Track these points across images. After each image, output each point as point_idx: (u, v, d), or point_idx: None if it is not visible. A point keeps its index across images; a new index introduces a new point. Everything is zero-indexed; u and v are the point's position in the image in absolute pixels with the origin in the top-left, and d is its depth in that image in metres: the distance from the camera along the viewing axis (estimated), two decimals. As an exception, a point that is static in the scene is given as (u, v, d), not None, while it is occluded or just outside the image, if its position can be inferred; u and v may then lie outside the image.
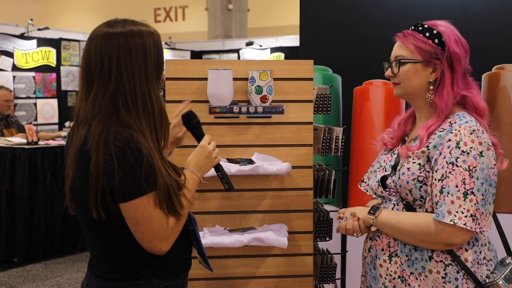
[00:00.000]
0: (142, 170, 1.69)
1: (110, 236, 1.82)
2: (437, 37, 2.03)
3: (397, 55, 2.06)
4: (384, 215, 2.02)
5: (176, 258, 1.91)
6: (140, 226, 1.74)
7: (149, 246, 1.78)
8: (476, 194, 1.87)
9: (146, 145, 1.71)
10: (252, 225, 2.44)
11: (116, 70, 1.72)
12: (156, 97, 1.78)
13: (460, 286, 1.92)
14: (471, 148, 1.90)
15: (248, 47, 12.09)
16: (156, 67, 1.78)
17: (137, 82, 1.74)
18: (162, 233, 1.76)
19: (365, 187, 2.27)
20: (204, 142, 1.98)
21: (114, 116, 1.72)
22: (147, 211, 1.72)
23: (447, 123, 1.98)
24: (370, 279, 2.10)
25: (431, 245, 1.93)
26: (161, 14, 20.60)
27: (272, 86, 2.34)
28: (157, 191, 1.73)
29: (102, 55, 1.73)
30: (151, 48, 1.76)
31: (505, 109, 3.22)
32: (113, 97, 1.73)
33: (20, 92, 8.94)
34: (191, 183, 1.89)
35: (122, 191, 1.70)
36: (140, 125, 1.74)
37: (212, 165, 1.98)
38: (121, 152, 1.67)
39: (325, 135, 2.42)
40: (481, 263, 1.97)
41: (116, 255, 1.85)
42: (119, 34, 1.74)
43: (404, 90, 2.07)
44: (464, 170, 1.88)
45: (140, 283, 1.84)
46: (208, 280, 2.42)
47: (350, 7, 3.33)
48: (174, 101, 2.37)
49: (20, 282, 5.25)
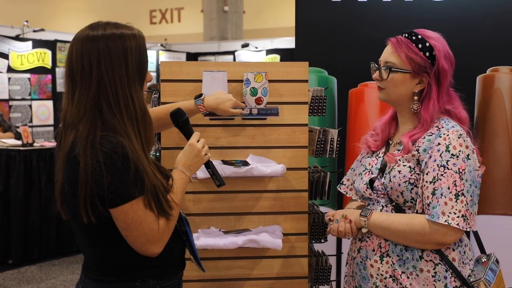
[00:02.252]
0: (129, 174, 1.70)
1: (102, 240, 1.82)
2: (428, 50, 2.07)
3: (387, 61, 2.10)
4: (376, 217, 2.07)
5: (170, 258, 1.92)
6: (131, 230, 1.75)
7: (141, 250, 1.78)
8: (466, 195, 1.95)
9: (132, 148, 1.72)
10: (247, 227, 2.44)
11: (97, 72, 1.74)
12: (138, 99, 1.78)
13: (449, 285, 2.00)
14: (460, 151, 1.98)
15: (244, 49, 12.09)
16: (138, 69, 1.79)
17: (118, 85, 1.75)
18: (153, 236, 1.77)
19: (344, 189, 2.33)
20: (192, 141, 1.97)
21: (99, 119, 1.74)
22: (137, 215, 1.73)
23: (434, 128, 2.05)
24: (359, 279, 2.14)
25: (424, 245, 2.00)
26: (156, 15, 20.60)
27: (267, 88, 2.34)
28: (146, 194, 1.74)
29: (83, 58, 1.74)
30: (132, 51, 1.77)
31: (499, 111, 3.23)
32: (96, 100, 1.74)
33: (15, 94, 8.92)
34: (180, 183, 1.89)
35: (111, 197, 1.70)
36: (125, 127, 1.75)
37: (201, 163, 1.98)
38: (108, 157, 1.68)
39: (320, 137, 2.43)
40: (465, 262, 2.06)
41: (110, 258, 1.85)
42: (99, 37, 1.75)
43: (389, 96, 2.13)
44: (454, 173, 1.96)
45: (137, 284, 1.84)
46: (202, 281, 2.42)
47: (346, 9, 3.34)
48: (169, 103, 2.37)
49: (15, 284, 5.23)
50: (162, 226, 1.79)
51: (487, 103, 3.25)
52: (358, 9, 3.33)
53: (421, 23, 3.16)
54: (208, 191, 2.39)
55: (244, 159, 2.41)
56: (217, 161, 2.38)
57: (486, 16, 3.24)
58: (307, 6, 3.37)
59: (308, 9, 3.37)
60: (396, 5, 3.30)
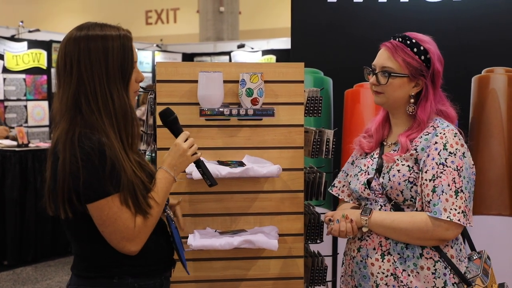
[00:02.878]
0: (106, 171, 1.74)
1: (83, 235, 1.87)
2: (423, 53, 2.12)
3: (384, 66, 2.14)
4: (377, 215, 2.11)
5: (154, 258, 1.94)
6: (106, 226, 1.79)
7: (118, 246, 1.82)
8: (464, 192, 2.02)
9: (110, 145, 1.77)
10: (242, 228, 2.44)
11: (76, 71, 1.80)
12: (119, 98, 1.83)
13: (448, 281, 2.06)
14: (457, 149, 2.04)
15: (240, 49, 12.09)
16: (120, 69, 1.84)
17: (97, 83, 1.80)
18: (128, 233, 1.79)
19: (336, 191, 2.38)
20: (178, 140, 1.98)
21: (78, 116, 1.80)
22: (112, 211, 1.77)
23: (430, 127, 2.11)
24: (359, 278, 2.17)
25: (425, 242, 2.06)
26: (152, 16, 20.58)
27: (263, 89, 2.34)
28: (122, 191, 1.77)
29: (66, 57, 1.82)
30: (114, 51, 1.82)
31: (494, 112, 3.24)
32: (76, 97, 1.81)
33: (11, 94, 8.90)
34: (163, 183, 1.91)
35: (87, 192, 1.75)
36: (103, 125, 1.80)
37: (187, 162, 1.99)
38: (85, 153, 1.73)
39: (316, 138, 2.43)
40: (461, 260, 2.12)
41: (91, 254, 1.89)
42: (81, 37, 1.82)
43: (387, 100, 2.17)
44: (453, 170, 2.02)
45: (114, 282, 1.87)
46: (198, 282, 2.42)
47: (342, 9, 3.34)
48: (164, 104, 2.37)
49: (10, 285, 5.22)
50: (138, 224, 1.81)
51: (482, 104, 3.26)
52: (354, 10, 3.33)
53: (416, 24, 3.18)
54: (204, 191, 2.39)
55: (239, 160, 2.41)
56: (213, 161, 2.38)
57: (481, 17, 3.25)
58: (303, 6, 3.37)
59: (304, 9, 3.37)
60: (391, 6, 3.31)
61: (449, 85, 2.33)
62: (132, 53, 1.88)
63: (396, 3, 3.30)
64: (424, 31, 2.26)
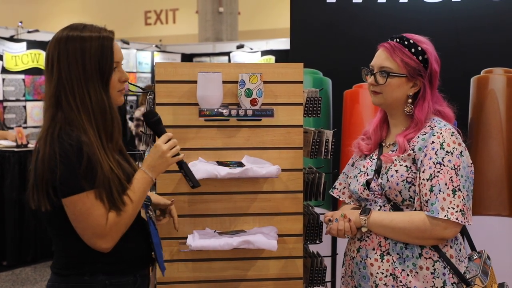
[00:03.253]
0: (82, 167, 1.80)
1: (58, 231, 1.92)
2: (421, 54, 2.14)
3: (383, 66, 2.16)
4: (376, 215, 2.12)
5: (128, 256, 1.97)
6: (79, 222, 1.84)
7: (89, 243, 1.86)
8: (462, 191, 2.02)
9: (88, 142, 1.83)
10: (242, 228, 2.44)
11: (56, 71, 1.89)
12: (96, 96, 1.90)
13: (447, 281, 2.06)
14: (454, 148, 2.05)
15: (239, 50, 12.09)
16: (98, 69, 1.91)
17: (75, 82, 1.88)
18: (100, 230, 1.84)
19: (337, 193, 2.40)
20: (159, 142, 2.02)
21: (59, 112, 1.88)
22: (85, 207, 1.81)
23: (427, 127, 2.13)
24: (359, 278, 2.18)
25: (424, 241, 2.07)
26: (151, 17, 20.57)
27: (262, 89, 2.34)
28: (98, 188, 1.82)
29: (48, 57, 1.93)
30: (91, 52, 1.90)
31: (493, 113, 3.24)
32: (57, 95, 1.89)
33: (10, 95, 8.90)
34: (140, 183, 1.95)
35: (62, 187, 1.81)
36: (82, 122, 1.87)
37: (167, 164, 2.02)
38: (63, 149, 1.80)
39: (315, 138, 2.43)
40: (461, 260, 2.13)
41: (66, 250, 1.93)
42: (62, 38, 1.92)
43: (386, 100, 2.19)
44: (450, 169, 2.03)
45: (85, 278, 1.91)
46: (197, 283, 2.42)
47: (341, 10, 3.34)
48: (164, 104, 2.37)
49: (9, 286, 5.22)
50: (110, 221, 1.85)
51: (481, 105, 3.26)
52: (353, 10, 3.33)
53: (415, 24, 3.18)
54: (203, 192, 2.39)
55: (239, 160, 2.41)
56: (212, 162, 2.38)
57: (480, 18, 3.25)
58: (302, 7, 3.37)
59: (303, 10, 3.37)
60: (391, 7, 3.31)
61: (448, 86, 2.33)
62: (112, 53, 1.94)
63: (395, 4, 3.30)
64: (423, 31, 2.27)
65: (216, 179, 2.30)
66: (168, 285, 2.39)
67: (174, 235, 2.36)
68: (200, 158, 2.38)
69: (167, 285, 2.39)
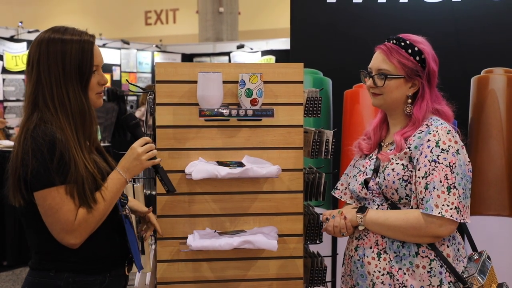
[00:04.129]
0: (54, 161, 1.84)
1: (30, 226, 1.97)
2: (418, 54, 2.15)
3: (381, 69, 2.18)
4: (372, 214, 2.14)
5: (97, 255, 2.00)
6: (48, 216, 1.88)
7: (58, 238, 1.90)
8: (458, 188, 2.02)
9: (63, 139, 1.87)
10: (242, 228, 2.44)
11: (36, 71, 1.95)
12: (75, 98, 1.95)
13: (444, 280, 2.07)
14: (449, 146, 2.06)
15: (239, 50, 12.10)
16: (78, 71, 1.95)
17: (54, 84, 1.93)
18: (67, 225, 1.87)
19: (339, 194, 2.41)
20: (134, 144, 2.06)
21: (36, 112, 1.92)
22: (55, 202, 1.85)
23: (424, 126, 2.14)
24: (357, 277, 2.20)
25: (420, 239, 2.07)
26: (152, 17, 20.58)
27: (262, 89, 2.34)
28: (69, 183, 1.86)
29: (29, 58, 1.98)
30: (72, 54, 1.95)
31: (494, 113, 3.24)
32: (35, 95, 1.94)
33: (10, 95, 8.90)
34: (113, 183, 1.98)
35: (33, 181, 1.85)
36: (58, 121, 1.91)
37: (141, 167, 2.05)
38: (36, 143, 1.85)
39: (315, 138, 2.43)
40: (459, 260, 2.14)
41: (37, 246, 1.99)
42: (43, 40, 1.98)
43: (385, 101, 2.20)
44: (445, 167, 2.03)
45: (50, 274, 1.95)
46: (198, 283, 2.42)
47: (341, 10, 3.34)
48: (164, 104, 2.37)
49: (9, 285, 5.22)
50: (80, 218, 1.88)
51: (482, 105, 3.26)
52: (353, 10, 3.33)
53: (416, 24, 3.18)
54: (203, 192, 2.39)
55: (239, 160, 2.41)
56: (212, 162, 2.38)
57: (480, 18, 3.25)
58: (302, 7, 3.37)
59: (303, 10, 3.37)
60: (391, 6, 3.31)
61: (449, 86, 2.34)
62: (92, 57, 1.99)
63: (395, 4, 3.30)
64: (424, 31, 2.27)
65: (216, 179, 2.30)
66: (168, 285, 2.39)
67: (175, 235, 2.36)
68: (201, 158, 2.38)
69: (167, 285, 2.39)
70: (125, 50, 11.66)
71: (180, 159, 2.37)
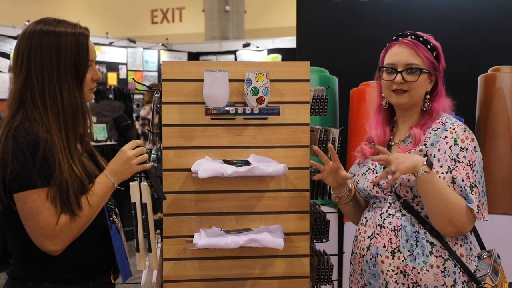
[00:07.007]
0: (35, 163, 1.71)
1: (10, 230, 1.84)
2: (434, 50, 2.17)
3: (411, 63, 2.14)
4: (436, 175, 2.02)
5: (77, 262, 1.87)
6: (27, 220, 1.75)
7: (37, 243, 1.77)
8: (478, 187, 2.03)
9: (48, 139, 1.74)
10: (248, 226, 2.44)
11: (26, 66, 1.79)
12: (69, 95, 1.81)
13: (457, 279, 2.05)
14: (468, 144, 2.06)
15: (245, 48, 12.09)
16: (73, 67, 1.82)
17: (46, 79, 1.78)
18: (48, 231, 1.74)
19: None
20: (125, 147, 1.94)
21: (21, 110, 1.78)
22: (35, 205, 1.72)
23: (438, 123, 2.13)
24: (369, 276, 2.18)
25: (449, 225, 2.01)
26: (158, 15, 20.60)
27: (269, 88, 2.34)
28: (52, 187, 1.73)
29: (18, 52, 1.82)
30: (67, 48, 1.81)
31: (501, 111, 3.23)
32: (22, 92, 1.80)
33: (17, 94, 8.92)
34: (100, 187, 1.86)
35: (13, 182, 1.72)
36: (47, 120, 1.77)
37: (131, 171, 1.94)
38: (17, 143, 1.72)
39: (322, 137, 2.43)
40: (472, 259, 2.13)
41: (16, 252, 1.85)
42: (35, 32, 1.81)
43: (411, 98, 2.17)
44: (466, 165, 2.02)
45: (28, 285, 1.82)
46: (204, 281, 2.42)
47: (347, 8, 3.34)
48: (170, 103, 2.37)
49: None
50: (61, 223, 1.76)
51: (489, 103, 3.25)
52: (359, 9, 3.33)
53: (422, 22, 3.17)
54: (209, 190, 2.39)
55: (245, 159, 2.41)
56: (219, 160, 2.38)
57: (488, 16, 3.24)
58: (308, 5, 3.37)
59: (309, 8, 3.37)
60: (397, 5, 3.30)
61: (456, 84, 2.34)
62: (87, 51, 1.86)
63: (401, 2, 3.30)
64: (431, 30, 2.27)
65: (222, 178, 2.30)
66: (175, 283, 2.39)
67: (181, 234, 2.37)
68: (207, 156, 2.39)
69: (174, 283, 2.39)
70: (131, 49, 11.68)
71: (186, 157, 2.37)
